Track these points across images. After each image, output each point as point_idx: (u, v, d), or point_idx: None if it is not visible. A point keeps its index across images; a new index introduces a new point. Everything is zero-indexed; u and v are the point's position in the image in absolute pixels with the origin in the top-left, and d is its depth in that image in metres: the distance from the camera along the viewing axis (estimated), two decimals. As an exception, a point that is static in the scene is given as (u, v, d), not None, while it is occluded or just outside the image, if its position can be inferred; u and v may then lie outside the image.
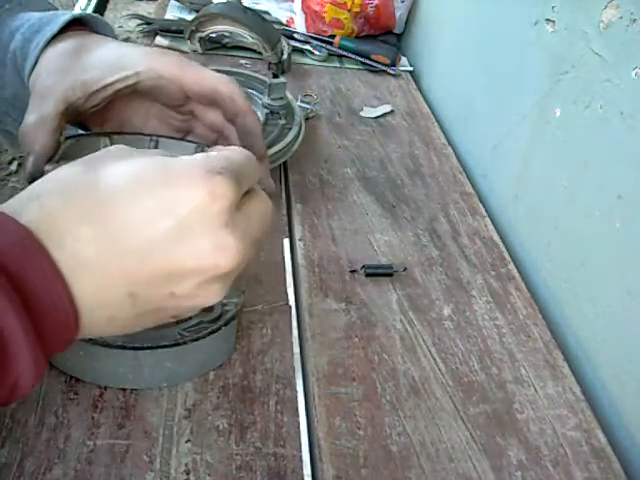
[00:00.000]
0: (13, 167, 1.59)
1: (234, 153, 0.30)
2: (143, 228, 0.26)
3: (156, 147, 0.44)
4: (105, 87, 0.40)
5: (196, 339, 0.41)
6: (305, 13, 0.98)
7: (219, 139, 0.46)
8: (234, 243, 0.28)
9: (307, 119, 0.76)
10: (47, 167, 0.39)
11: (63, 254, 0.25)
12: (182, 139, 0.46)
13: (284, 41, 0.65)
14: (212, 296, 0.29)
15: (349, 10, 0.96)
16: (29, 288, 0.24)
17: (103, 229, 0.26)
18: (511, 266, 0.59)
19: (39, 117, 0.39)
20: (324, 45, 0.96)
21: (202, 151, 0.36)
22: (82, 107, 0.41)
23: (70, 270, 0.26)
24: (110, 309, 0.28)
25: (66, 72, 0.39)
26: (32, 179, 0.39)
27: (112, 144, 0.43)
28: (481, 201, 0.68)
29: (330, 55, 0.96)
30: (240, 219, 0.29)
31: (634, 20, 0.47)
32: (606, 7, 0.50)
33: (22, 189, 0.27)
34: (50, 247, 0.25)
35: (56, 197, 0.26)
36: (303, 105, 0.77)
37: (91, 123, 0.44)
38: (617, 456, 0.43)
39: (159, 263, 0.27)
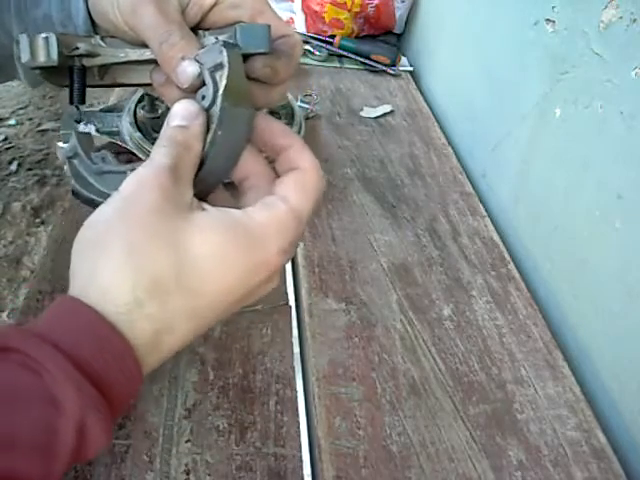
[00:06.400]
0: (13, 167, 1.59)
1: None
2: (227, 305, 0.29)
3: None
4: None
5: None
6: (305, 13, 0.98)
7: None
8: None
9: (307, 119, 0.76)
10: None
11: (153, 352, 0.27)
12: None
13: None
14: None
15: (349, 10, 0.96)
16: (113, 393, 0.25)
17: (198, 322, 0.28)
18: (511, 266, 0.59)
19: None
20: (324, 45, 0.96)
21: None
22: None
23: (149, 354, 0.27)
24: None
25: None
26: None
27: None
28: (481, 201, 0.68)
29: (330, 55, 0.96)
30: None
31: (634, 20, 0.47)
32: (606, 7, 0.50)
33: (22, 188, 0.27)
34: (145, 354, 0.26)
35: (157, 306, 0.26)
36: (303, 105, 0.77)
37: None
38: (617, 456, 0.43)
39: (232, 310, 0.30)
